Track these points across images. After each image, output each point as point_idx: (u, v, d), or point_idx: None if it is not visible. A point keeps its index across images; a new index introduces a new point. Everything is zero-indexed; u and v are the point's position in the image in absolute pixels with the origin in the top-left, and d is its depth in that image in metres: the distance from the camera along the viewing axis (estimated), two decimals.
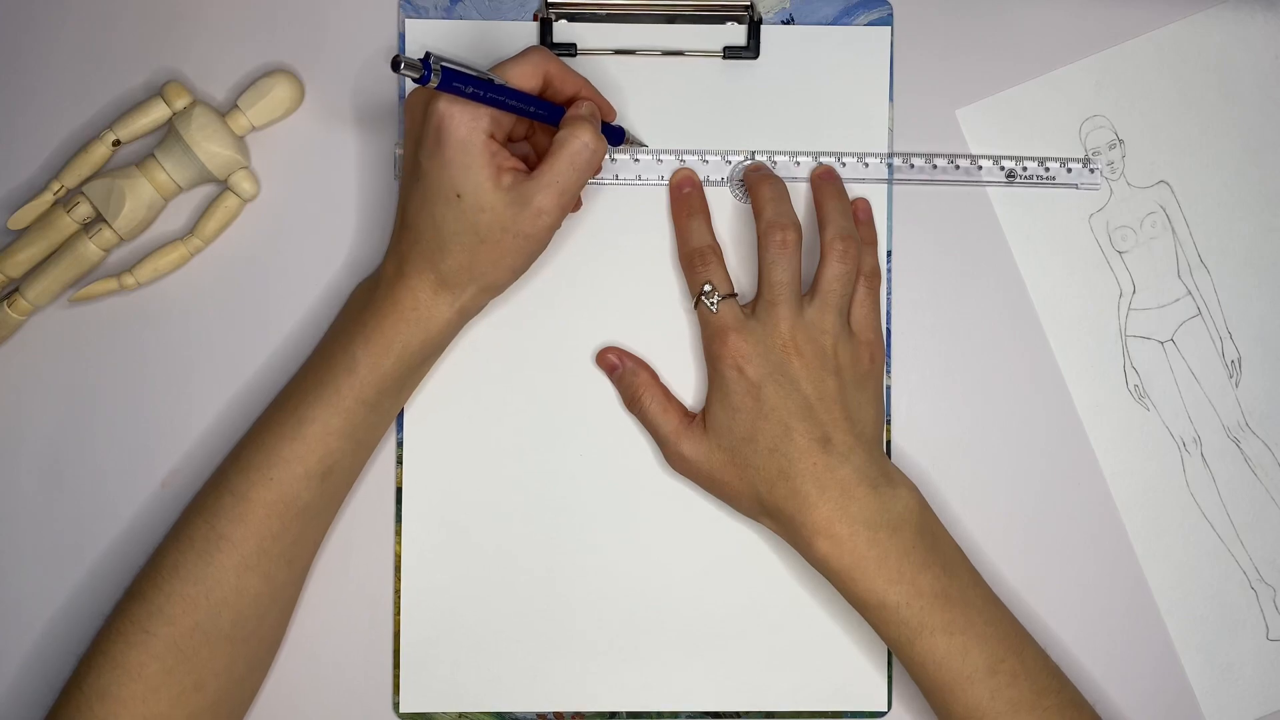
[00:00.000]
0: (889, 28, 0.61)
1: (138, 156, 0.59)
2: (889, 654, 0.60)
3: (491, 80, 0.53)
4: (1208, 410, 0.61)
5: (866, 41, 0.61)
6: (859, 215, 0.60)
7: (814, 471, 0.55)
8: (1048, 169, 0.60)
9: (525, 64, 0.54)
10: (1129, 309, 0.61)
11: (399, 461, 0.60)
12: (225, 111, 0.59)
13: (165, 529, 0.56)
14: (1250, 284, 0.61)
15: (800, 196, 0.60)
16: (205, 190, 0.60)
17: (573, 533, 0.60)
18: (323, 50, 0.61)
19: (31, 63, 0.60)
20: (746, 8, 0.60)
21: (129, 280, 0.59)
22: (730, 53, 0.60)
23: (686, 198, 0.60)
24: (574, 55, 0.60)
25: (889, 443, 0.60)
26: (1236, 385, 0.61)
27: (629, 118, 0.60)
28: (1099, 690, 0.60)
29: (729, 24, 0.60)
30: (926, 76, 0.61)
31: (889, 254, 0.61)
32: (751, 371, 0.55)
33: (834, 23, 0.61)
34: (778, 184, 0.59)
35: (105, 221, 0.58)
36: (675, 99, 0.60)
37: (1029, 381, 0.61)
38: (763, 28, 0.61)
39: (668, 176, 0.60)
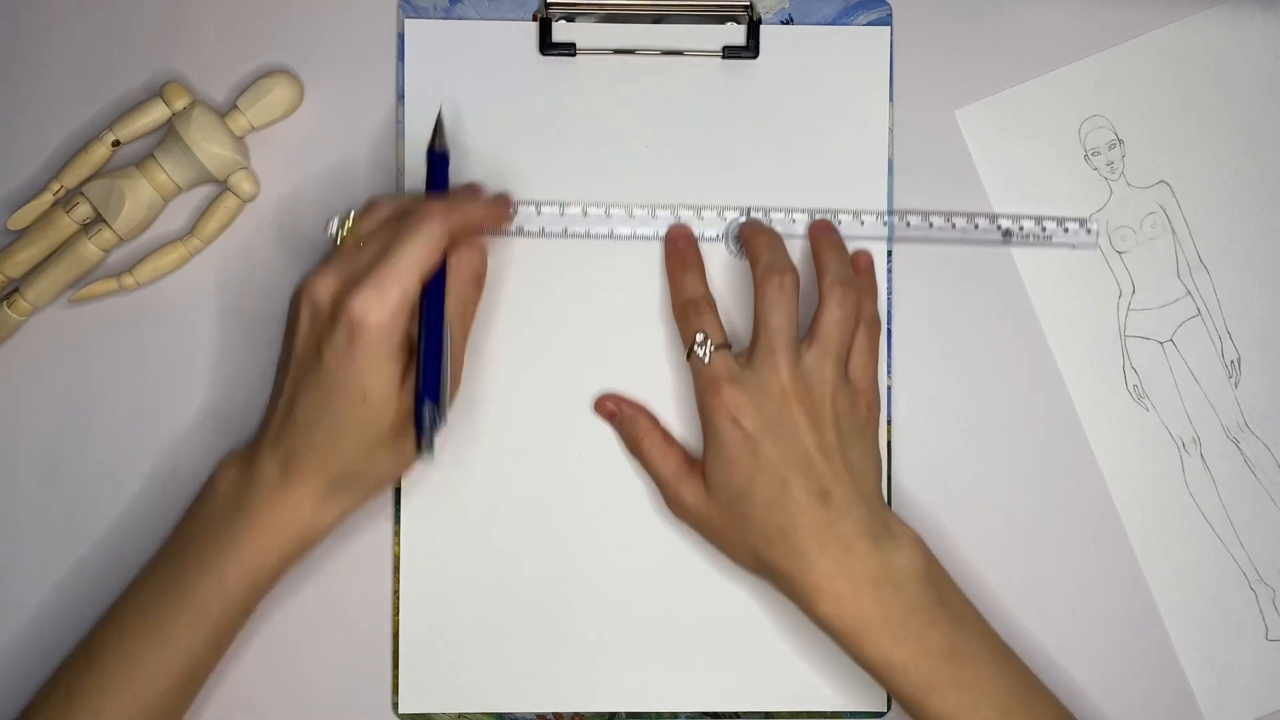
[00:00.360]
0: (889, 28, 0.61)
1: (138, 157, 0.59)
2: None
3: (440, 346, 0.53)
4: (1207, 410, 0.61)
5: (866, 41, 0.61)
6: (859, 265, 0.59)
7: (814, 527, 0.53)
8: (1044, 228, 0.60)
9: (424, 242, 0.52)
10: (1128, 309, 0.61)
11: None
12: (225, 112, 0.59)
13: (165, 529, 0.56)
14: (1250, 284, 0.61)
15: (797, 252, 0.59)
16: (205, 190, 0.60)
17: (573, 533, 0.60)
18: (323, 50, 0.61)
19: (31, 63, 0.60)
20: (746, 8, 0.60)
21: (129, 280, 0.59)
22: (730, 53, 0.60)
23: (681, 251, 0.59)
24: (574, 55, 0.60)
25: (888, 443, 0.60)
26: (1236, 385, 0.61)
27: (630, 117, 0.60)
28: (1099, 690, 0.60)
29: (729, 24, 0.60)
30: (926, 76, 0.61)
31: (889, 254, 0.61)
32: (747, 423, 0.54)
33: (834, 23, 0.61)
34: (774, 235, 0.58)
35: (105, 222, 0.58)
36: (675, 99, 0.60)
37: (1029, 381, 0.61)
38: (762, 28, 0.61)
39: (662, 232, 0.60)
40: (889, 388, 0.60)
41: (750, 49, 0.60)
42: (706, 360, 0.55)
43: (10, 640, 0.60)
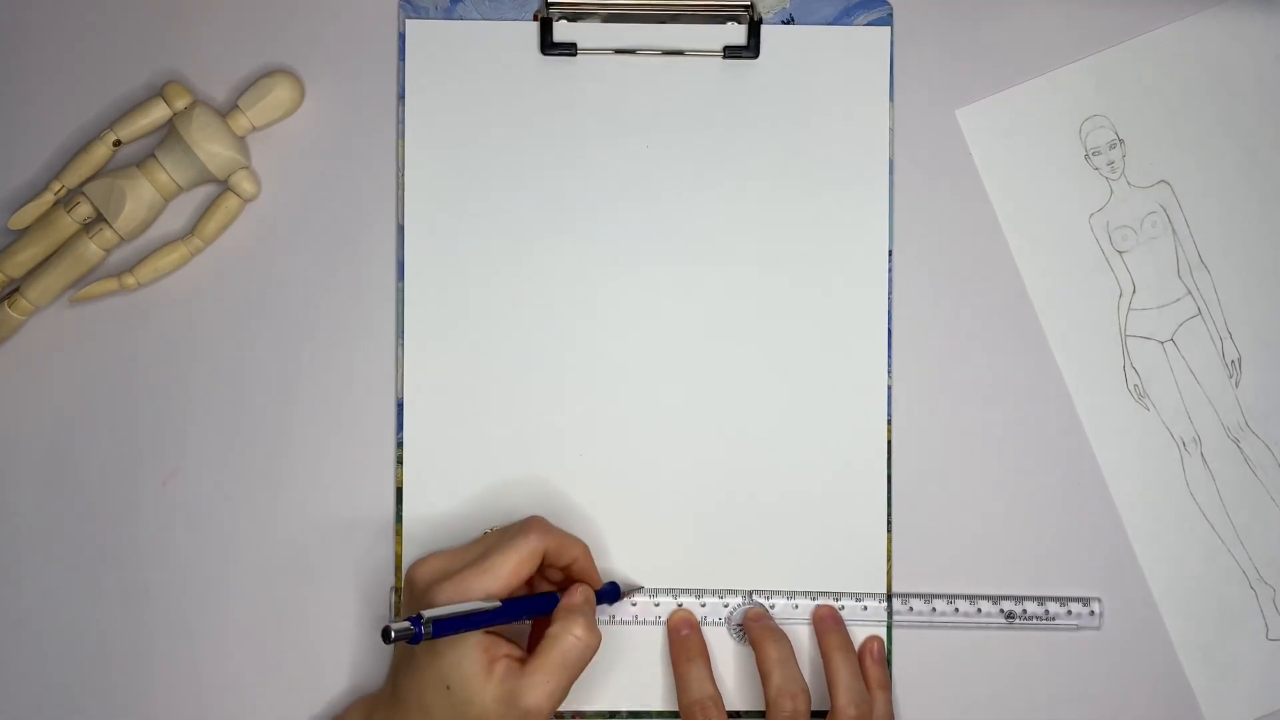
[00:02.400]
0: (889, 28, 0.61)
1: (138, 157, 0.59)
2: (889, 655, 0.60)
3: (484, 609, 0.52)
4: (1208, 410, 0.61)
5: (866, 42, 0.61)
6: (872, 656, 0.59)
7: None
8: (1047, 610, 0.60)
9: (522, 550, 0.53)
10: (1129, 309, 0.61)
11: (399, 461, 0.60)
12: (225, 111, 0.59)
13: (165, 529, 0.56)
14: (1250, 284, 0.61)
15: (803, 645, 0.59)
16: (205, 190, 0.60)
17: (573, 532, 0.60)
18: (323, 50, 0.61)
19: (32, 63, 0.60)
20: (746, 8, 0.60)
21: (129, 280, 0.59)
22: (730, 53, 0.60)
23: (685, 640, 0.58)
24: (574, 55, 0.60)
25: (889, 443, 0.60)
26: (1236, 385, 0.61)
27: (630, 117, 0.60)
28: (1099, 691, 0.60)
29: (729, 24, 0.61)
30: (926, 76, 0.61)
31: (890, 254, 0.61)
32: None
33: (834, 23, 0.61)
34: (782, 642, 0.57)
35: (106, 221, 0.58)
36: (675, 99, 0.60)
37: (1029, 381, 0.61)
38: (763, 28, 0.61)
39: (665, 617, 0.59)
40: (889, 387, 0.60)
41: (750, 49, 0.60)
42: None
43: (10, 640, 0.60)
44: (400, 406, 0.60)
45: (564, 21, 0.60)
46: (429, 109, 0.60)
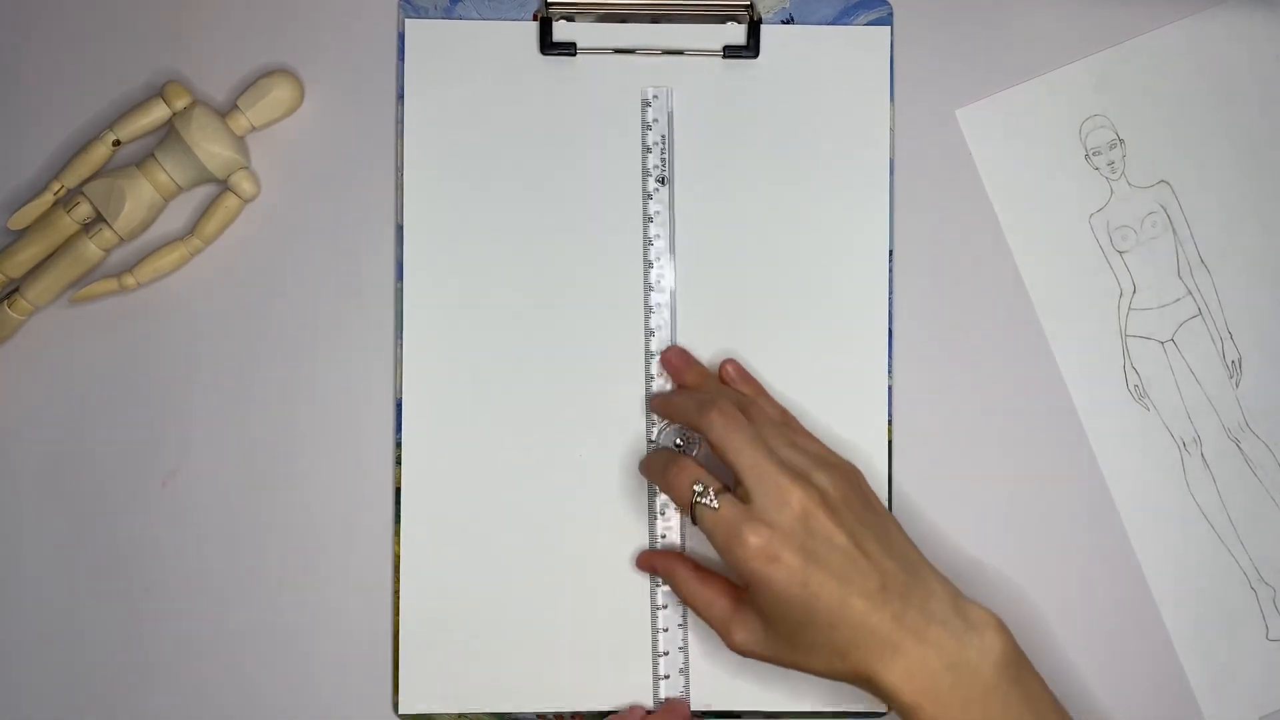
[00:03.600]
0: (889, 28, 0.61)
1: (138, 157, 0.59)
2: None
3: None
4: (1208, 410, 0.61)
5: (866, 41, 0.61)
6: (732, 376, 0.59)
7: (880, 629, 0.51)
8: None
9: None
10: (1129, 309, 0.61)
11: (398, 462, 0.60)
12: (225, 111, 0.59)
13: (165, 529, 0.56)
14: (1251, 284, 0.61)
15: None
16: (205, 190, 0.60)
17: (573, 532, 0.60)
18: (323, 50, 0.61)
19: (32, 63, 0.60)
20: (746, 7, 0.60)
21: (129, 280, 0.59)
22: (730, 52, 0.60)
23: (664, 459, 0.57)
24: (573, 55, 0.60)
25: (889, 443, 0.60)
26: (1236, 385, 0.61)
27: (629, 117, 0.60)
28: (1099, 690, 0.60)
29: (729, 24, 0.61)
30: (926, 76, 0.61)
31: (890, 254, 0.61)
32: (787, 557, 0.51)
33: (834, 23, 0.61)
34: (682, 387, 0.58)
35: (105, 221, 0.58)
36: (675, 99, 0.60)
37: (1029, 381, 0.61)
38: (763, 28, 0.61)
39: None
40: (889, 387, 0.60)
41: (750, 49, 0.60)
42: (716, 506, 0.53)
43: (11, 640, 0.60)
44: (399, 406, 0.60)
45: (563, 21, 0.60)
46: (428, 109, 0.60)
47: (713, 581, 0.56)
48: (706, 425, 0.54)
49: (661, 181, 0.60)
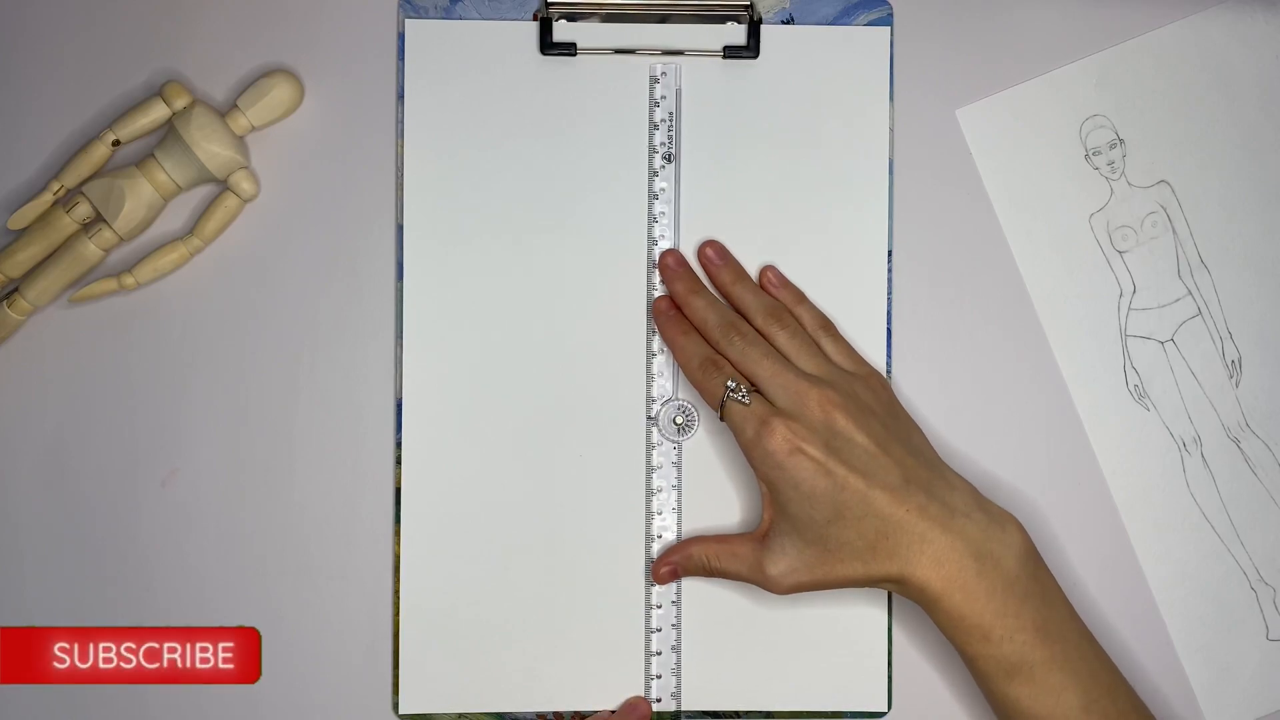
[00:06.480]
0: (889, 28, 0.61)
1: (138, 156, 0.59)
2: (889, 654, 0.60)
3: None
4: (1208, 410, 0.61)
5: (866, 41, 0.61)
6: (772, 282, 0.60)
7: (907, 522, 0.53)
8: None
9: None
10: (1129, 309, 0.61)
11: (398, 462, 0.60)
12: (225, 111, 0.59)
13: (165, 529, 0.56)
14: (1250, 284, 0.61)
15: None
16: (205, 190, 0.60)
17: (573, 533, 0.60)
18: (323, 50, 0.61)
19: (31, 63, 0.60)
20: (746, 8, 0.60)
21: (129, 280, 0.59)
22: (730, 53, 0.60)
23: (669, 314, 0.59)
24: (573, 55, 0.60)
25: None
26: (1236, 385, 0.61)
27: (629, 117, 0.60)
28: None
29: (729, 24, 0.60)
30: (926, 76, 0.61)
31: (889, 253, 0.61)
32: (812, 450, 0.53)
33: (834, 23, 0.61)
34: (704, 293, 0.59)
35: (105, 221, 0.58)
36: (675, 99, 0.60)
37: (1029, 381, 0.61)
38: (763, 28, 0.61)
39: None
40: None
41: (750, 49, 0.60)
42: (748, 401, 0.55)
43: None
44: (399, 406, 0.60)
45: (563, 21, 0.60)
46: (428, 109, 0.60)
47: (730, 539, 0.58)
48: (726, 344, 0.57)
49: (668, 159, 0.60)
